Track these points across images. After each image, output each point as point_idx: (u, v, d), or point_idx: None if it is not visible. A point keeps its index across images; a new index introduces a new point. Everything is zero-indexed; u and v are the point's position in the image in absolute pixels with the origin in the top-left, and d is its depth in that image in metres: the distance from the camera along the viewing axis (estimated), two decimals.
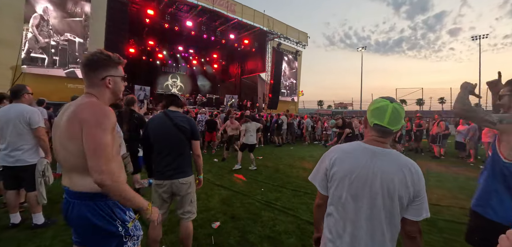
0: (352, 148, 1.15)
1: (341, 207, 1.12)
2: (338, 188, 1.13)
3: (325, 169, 1.18)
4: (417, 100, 34.51)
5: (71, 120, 1.12)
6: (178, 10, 13.74)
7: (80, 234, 1.22)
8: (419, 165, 1.14)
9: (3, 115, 2.69)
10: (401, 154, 1.12)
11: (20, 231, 2.75)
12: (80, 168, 1.13)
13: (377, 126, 1.10)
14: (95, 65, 1.22)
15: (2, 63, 9.14)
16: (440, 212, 3.82)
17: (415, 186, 1.05)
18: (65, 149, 1.15)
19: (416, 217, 1.06)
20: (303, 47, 19.51)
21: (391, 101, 1.10)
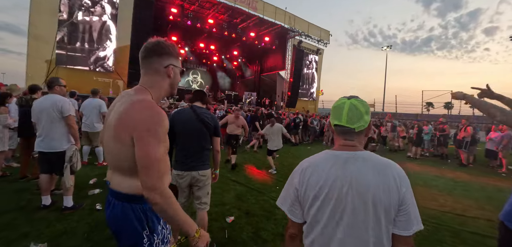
0: (321, 159, 1.00)
1: (320, 233, 0.95)
2: (312, 209, 0.97)
3: (295, 189, 1.01)
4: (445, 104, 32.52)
5: (121, 123, 1.00)
6: (201, 7, 14.02)
7: (113, 231, 1.14)
8: (444, 172, 1.04)
9: (38, 105, 2.96)
10: (376, 154, 0.98)
11: (50, 213, 2.99)
12: (122, 169, 1.06)
13: (337, 126, 0.99)
14: (161, 51, 1.13)
15: (38, 57, 9.90)
16: (465, 223, 3.61)
17: (398, 190, 0.89)
18: (110, 148, 1.05)
19: (406, 230, 0.89)
20: (324, 45, 19.12)
21: (349, 98, 1.00)
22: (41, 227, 2.66)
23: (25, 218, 2.83)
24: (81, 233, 2.62)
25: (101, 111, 5.06)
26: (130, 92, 1.11)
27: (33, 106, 3.01)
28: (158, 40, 1.15)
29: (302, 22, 16.87)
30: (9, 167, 4.60)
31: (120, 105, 1.06)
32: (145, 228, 1.09)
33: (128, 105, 1.02)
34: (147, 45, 1.13)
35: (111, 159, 1.09)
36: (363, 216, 0.89)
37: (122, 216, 1.07)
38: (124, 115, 1.00)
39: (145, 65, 1.14)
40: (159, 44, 1.13)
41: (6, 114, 4.08)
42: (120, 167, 1.06)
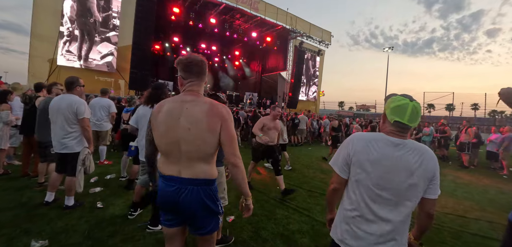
0: (374, 137, 1.23)
1: (364, 191, 1.22)
2: (361, 173, 1.21)
3: (348, 154, 1.26)
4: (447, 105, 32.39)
5: (212, 117, 1.34)
6: (202, 7, 14.05)
7: (189, 214, 1.38)
8: (445, 174, 1.17)
9: (55, 105, 2.93)
10: (417, 142, 1.23)
11: (51, 210, 3.00)
12: (205, 157, 1.37)
13: (397, 122, 1.18)
14: (204, 70, 1.46)
15: (40, 56, 9.96)
16: (467, 225, 3.60)
17: (433, 168, 1.17)
18: (202, 140, 1.33)
19: (434, 195, 1.20)
20: (326, 46, 19.12)
21: (411, 100, 1.19)
22: (42, 224, 2.67)
23: (26, 215, 2.84)
24: (82, 230, 2.62)
25: (110, 111, 5.09)
26: (190, 97, 1.39)
27: (50, 105, 2.98)
28: (202, 60, 1.46)
29: (303, 23, 16.88)
30: (11, 164, 4.62)
31: (193, 106, 1.36)
32: (218, 200, 1.44)
33: (211, 105, 1.37)
34: (200, 64, 1.44)
35: (197, 150, 1.34)
36: (404, 185, 1.16)
37: (200, 200, 1.35)
38: (211, 112, 1.35)
39: (198, 79, 1.44)
40: (204, 64, 1.47)
41: (8, 111, 4.10)
42: (205, 155, 1.36)
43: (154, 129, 1.42)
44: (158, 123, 1.38)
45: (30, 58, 9.87)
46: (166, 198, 1.38)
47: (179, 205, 1.35)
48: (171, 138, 1.34)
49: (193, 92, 1.42)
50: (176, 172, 1.35)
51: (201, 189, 1.36)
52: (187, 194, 1.34)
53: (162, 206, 1.43)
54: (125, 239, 2.54)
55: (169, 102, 1.42)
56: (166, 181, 1.37)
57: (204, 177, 1.36)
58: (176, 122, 1.34)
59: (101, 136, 5.09)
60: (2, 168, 4.14)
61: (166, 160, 1.39)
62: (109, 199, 3.45)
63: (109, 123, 5.15)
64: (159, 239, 2.58)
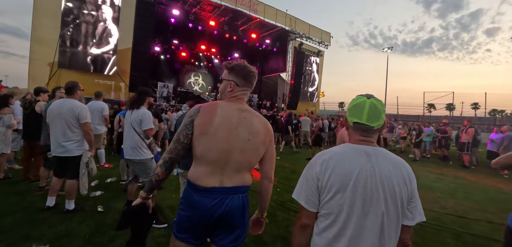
0: (342, 151, 1.05)
1: (339, 221, 0.99)
2: (334, 199, 0.99)
3: (316, 179, 1.03)
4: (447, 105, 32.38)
5: (266, 132, 1.37)
6: (202, 10, 14.10)
7: (230, 225, 1.31)
8: (445, 174, 1.10)
9: (55, 109, 2.95)
10: (391, 152, 1.07)
11: (53, 214, 3.01)
12: (250, 167, 1.37)
13: (356, 124, 1.05)
14: (254, 77, 1.47)
15: (41, 60, 9.98)
16: (467, 225, 3.60)
17: (411, 185, 1.00)
18: (256, 152, 1.34)
19: (411, 221, 1.01)
20: (325, 47, 19.14)
21: (368, 97, 1.06)
22: (43, 229, 2.67)
23: (27, 220, 2.84)
24: (83, 234, 2.63)
25: (103, 114, 5.08)
26: (245, 106, 1.39)
27: (49, 108, 3.01)
28: (252, 68, 1.45)
29: (303, 24, 16.91)
30: (11, 169, 4.63)
31: (250, 117, 1.35)
32: (247, 214, 1.39)
33: (264, 119, 1.40)
34: (256, 73, 1.47)
35: (250, 161, 1.33)
36: (384, 206, 0.96)
37: (242, 206, 1.32)
38: (265, 129, 1.36)
39: (247, 89, 1.44)
40: (253, 71, 1.46)
41: (10, 115, 4.12)
42: (252, 165, 1.36)
43: (205, 133, 1.27)
44: (214, 127, 1.27)
45: (30, 62, 9.89)
46: (207, 213, 1.25)
47: (223, 217, 1.27)
48: (226, 147, 1.26)
49: (243, 101, 1.41)
50: (218, 182, 1.27)
51: (243, 196, 1.33)
52: (232, 202, 1.28)
53: (194, 221, 1.28)
54: (125, 242, 2.54)
55: (221, 107, 1.32)
56: (207, 194, 1.25)
57: (248, 182, 1.37)
58: (234, 130, 1.28)
59: (96, 139, 5.06)
60: (3, 172, 4.15)
61: (210, 170, 1.27)
62: (109, 203, 3.46)
63: (103, 126, 5.12)
64: (160, 242, 2.58)
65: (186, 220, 1.30)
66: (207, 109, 1.32)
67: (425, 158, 9.72)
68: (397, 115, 24.71)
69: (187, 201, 1.30)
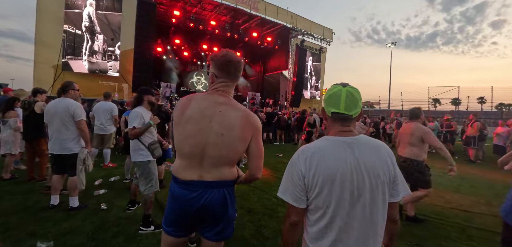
0: (323, 145, 1.04)
1: (328, 215, 0.99)
2: (321, 194, 0.99)
3: (301, 176, 1.02)
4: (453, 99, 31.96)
5: (245, 126, 1.27)
6: (203, 9, 14.11)
7: (212, 218, 1.30)
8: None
9: (51, 108, 3.04)
10: (369, 137, 1.08)
11: (57, 212, 3.06)
12: (231, 162, 1.31)
13: (334, 114, 1.04)
14: (240, 72, 1.38)
15: (45, 63, 10.10)
16: (471, 219, 3.56)
17: (394, 166, 1.04)
18: (232, 148, 1.26)
19: (396, 197, 1.04)
20: (327, 44, 19.01)
21: (344, 86, 1.05)
22: (47, 226, 2.72)
23: (32, 218, 2.90)
24: (86, 231, 2.67)
25: (113, 114, 5.16)
26: (223, 99, 1.30)
27: (46, 108, 3.09)
28: (240, 59, 1.37)
29: (304, 21, 16.82)
30: (18, 169, 4.71)
31: (227, 110, 1.27)
32: (234, 207, 1.39)
33: (246, 113, 1.29)
34: (239, 63, 1.35)
35: (226, 156, 1.27)
36: (370, 194, 0.97)
37: (224, 199, 1.29)
38: (246, 120, 1.28)
39: (232, 81, 1.36)
40: (241, 64, 1.37)
41: (16, 118, 4.20)
42: (231, 160, 1.30)
43: (177, 125, 1.28)
44: (184, 119, 1.25)
45: (35, 65, 10.01)
46: (186, 205, 1.26)
47: (202, 210, 1.27)
48: (198, 140, 1.23)
49: (225, 93, 1.33)
50: (197, 176, 1.26)
51: (225, 190, 1.30)
52: (212, 196, 1.26)
53: (176, 214, 1.29)
54: (128, 239, 2.57)
55: (198, 99, 1.29)
56: (186, 186, 1.26)
57: (230, 177, 1.32)
58: (207, 124, 1.23)
59: (105, 139, 5.16)
60: (10, 173, 4.23)
61: (187, 163, 1.27)
62: (113, 201, 3.50)
63: (112, 126, 5.22)
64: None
65: (171, 212, 1.31)
66: (182, 101, 1.31)
67: (430, 153, 9.60)
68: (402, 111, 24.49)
69: (170, 193, 1.32)
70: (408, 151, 3.34)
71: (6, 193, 3.58)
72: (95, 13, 10.82)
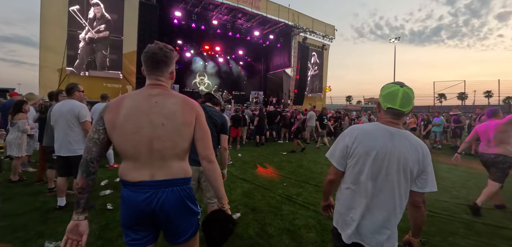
0: (372, 128, 1.27)
1: (360, 182, 1.26)
2: (358, 164, 1.26)
3: (346, 146, 1.30)
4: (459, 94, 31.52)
5: (186, 110, 1.24)
6: (204, 9, 14.14)
7: (167, 221, 1.22)
8: (457, 163, 1.26)
9: (57, 110, 3.07)
10: (412, 134, 1.27)
11: (64, 213, 3.10)
12: (182, 153, 1.26)
13: (390, 109, 1.23)
14: (170, 60, 1.30)
15: (50, 67, 10.26)
16: None
17: (424, 162, 1.21)
18: (179, 135, 1.21)
19: (421, 189, 1.23)
20: (330, 40, 18.91)
21: (401, 86, 1.23)
22: (55, 226, 2.76)
23: (40, 219, 2.94)
24: (93, 231, 2.70)
25: None
26: (157, 90, 1.26)
27: (52, 110, 3.13)
28: (165, 48, 1.28)
29: (306, 19, 16.73)
30: (25, 171, 4.79)
31: (163, 99, 1.23)
32: (196, 204, 1.32)
33: (184, 99, 1.28)
34: (158, 54, 1.26)
35: (172, 147, 1.21)
36: (396, 176, 1.21)
37: (180, 200, 1.22)
38: (186, 105, 1.26)
39: (157, 71, 1.28)
40: (167, 53, 1.29)
41: (24, 121, 4.26)
42: (181, 151, 1.24)
43: (114, 128, 1.18)
44: (121, 121, 1.17)
45: (40, 69, 10.16)
46: (137, 209, 1.17)
47: (156, 213, 1.18)
48: (140, 137, 1.17)
49: (159, 85, 1.27)
50: (148, 176, 1.18)
51: (180, 189, 1.23)
52: (165, 197, 1.18)
53: (131, 220, 1.20)
54: None
55: (129, 97, 1.23)
56: (135, 188, 1.17)
57: (182, 175, 1.25)
58: (145, 119, 1.18)
59: None
60: (18, 175, 4.30)
61: (133, 164, 1.19)
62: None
63: None
64: None
65: (126, 219, 1.22)
66: (114, 103, 1.23)
67: (436, 149, 9.50)
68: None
69: (121, 198, 1.23)
70: (501, 148, 3.42)
71: (15, 195, 3.63)
72: (98, 17, 10.91)
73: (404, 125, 1.39)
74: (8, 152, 4.28)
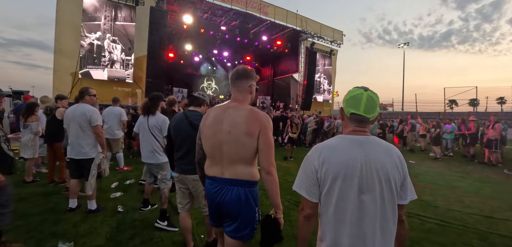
0: (336, 142, 1.12)
1: (339, 208, 1.05)
2: (332, 188, 1.06)
3: (314, 171, 1.09)
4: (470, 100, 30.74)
5: (251, 121, 1.41)
6: (213, 15, 14.33)
7: (228, 214, 1.45)
8: (469, 172, 1.09)
9: (70, 114, 3.15)
10: (381, 139, 1.14)
11: (76, 215, 3.16)
12: (245, 160, 1.43)
13: (353, 115, 1.10)
14: (248, 75, 1.56)
15: (63, 70, 10.56)
16: (494, 225, 3.40)
17: (403, 169, 1.08)
18: (240, 143, 1.40)
19: (404, 200, 1.09)
20: (338, 46, 18.83)
21: (365, 90, 1.11)
22: (68, 228, 2.82)
23: (53, 219, 3.01)
24: (104, 233, 2.75)
25: (121, 119, 5.28)
26: (233, 104, 1.51)
27: (65, 114, 3.21)
28: (243, 67, 1.59)
29: (314, 24, 16.74)
30: (39, 172, 4.91)
31: (234, 112, 1.45)
32: (257, 205, 1.50)
33: (251, 111, 1.45)
34: (241, 70, 1.57)
35: (237, 152, 1.41)
36: (383, 190, 1.03)
37: (239, 199, 1.41)
38: (251, 117, 1.41)
39: (240, 85, 1.55)
40: (245, 70, 1.57)
41: (37, 123, 4.39)
42: (245, 158, 1.42)
43: (201, 133, 1.56)
44: (205, 128, 1.52)
45: (54, 73, 10.47)
46: (211, 198, 1.50)
47: (221, 204, 1.44)
48: (215, 141, 1.46)
49: (237, 99, 1.53)
50: (219, 173, 1.46)
51: (241, 190, 1.42)
52: (228, 193, 1.42)
53: (209, 205, 1.55)
54: (144, 241, 2.63)
55: (215, 109, 1.56)
56: (211, 181, 1.50)
57: (246, 178, 1.43)
58: (219, 126, 1.45)
59: (113, 143, 5.25)
60: (31, 176, 4.41)
61: (211, 161, 1.52)
62: (128, 203, 3.58)
63: (120, 131, 5.31)
64: (176, 241, 2.64)
65: (208, 203, 1.56)
66: (205, 114, 1.60)
67: (447, 156, 9.28)
68: (416, 113, 23.81)
69: (206, 187, 1.57)
70: None
71: (29, 195, 3.73)
72: (112, 24, 11.21)
73: (412, 133, 1.30)
74: (22, 154, 4.40)
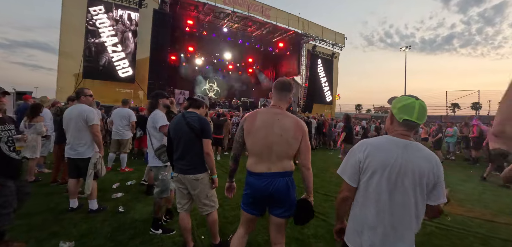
0: (383, 142, 1.27)
1: (374, 197, 1.23)
2: (372, 179, 1.23)
3: (358, 161, 1.28)
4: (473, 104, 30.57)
5: (296, 128, 1.74)
6: (215, 17, 14.42)
7: (278, 200, 1.75)
8: (471, 176, 1.18)
9: (67, 114, 3.18)
10: (423, 145, 1.27)
11: (77, 214, 3.18)
12: (289, 156, 1.77)
13: (406, 121, 1.23)
14: (291, 89, 1.88)
15: (67, 71, 10.67)
16: (496, 229, 3.38)
17: (438, 175, 1.20)
18: (288, 144, 1.73)
19: (435, 202, 1.22)
20: (339, 49, 18.88)
21: (416, 99, 1.25)
22: (69, 227, 2.84)
23: (55, 219, 3.03)
24: (105, 233, 2.76)
25: (130, 120, 5.33)
26: (278, 110, 1.80)
27: (64, 115, 3.24)
28: (289, 81, 1.91)
29: (315, 27, 16.80)
30: (41, 172, 4.94)
31: (282, 118, 1.76)
32: (294, 190, 1.82)
33: (296, 120, 1.79)
34: (285, 83, 1.88)
35: (285, 151, 1.73)
36: (412, 190, 1.19)
37: (287, 186, 1.75)
38: (297, 125, 1.76)
39: (284, 95, 1.85)
40: (287, 83, 1.88)
41: (41, 123, 4.42)
42: (289, 155, 1.77)
43: (250, 133, 1.77)
44: (256, 129, 1.75)
45: (58, 74, 10.58)
46: (258, 191, 1.75)
47: (272, 193, 1.72)
48: (266, 142, 1.72)
49: (279, 106, 1.82)
50: (266, 169, 1.73)
51: (288, 179, 1.76)
52: (278, 183, 1.72)
53: (250, 200, 1.81)
54: (144, 241, 2.64)
55: (262, 113, 1.80)
56: (258, 177, 1.75)
57: (289, 169, 1.77)
58: (270, 130, 1.73)
59: (122, 144, 5.32)
60: (33, 175, 4.44)
61: (257, 159, 1.76)
62: (130, 204, 3.60)
63: (129, 132, 5.38)
64: (176, 242, 2.65)
65: (247, 196, 1.83)
66: (250, 116, 1.83)
67: (448, 160, 9.23)
68: None
69: (247, 182, 1.83)
70: None
71: (31, 195, 3.74)
72: (114, 25, 11.30)
73: (414, 136, 1.37)
74: (23, 153, 4.41)
